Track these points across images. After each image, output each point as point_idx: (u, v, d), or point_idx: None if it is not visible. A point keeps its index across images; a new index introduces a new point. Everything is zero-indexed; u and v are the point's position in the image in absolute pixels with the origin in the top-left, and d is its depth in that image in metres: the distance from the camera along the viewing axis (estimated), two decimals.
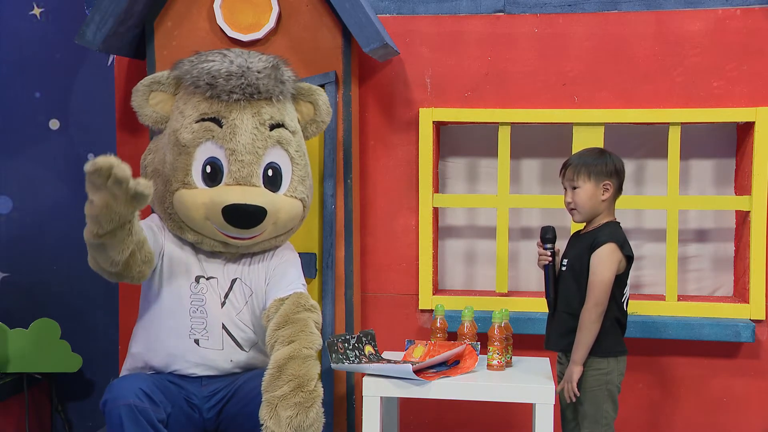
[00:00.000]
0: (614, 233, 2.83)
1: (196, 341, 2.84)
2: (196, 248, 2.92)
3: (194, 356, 2.83)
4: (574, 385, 2.81)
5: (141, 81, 2.94)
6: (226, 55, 2.87)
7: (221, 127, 2.84)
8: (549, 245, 2.93)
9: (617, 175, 2.86)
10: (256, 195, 2.83)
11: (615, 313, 2.83)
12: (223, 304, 2.88)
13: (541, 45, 3.41)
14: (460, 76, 3.45)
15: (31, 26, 4.11)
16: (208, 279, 2.89)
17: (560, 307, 2.91)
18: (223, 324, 2.87)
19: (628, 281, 2.87)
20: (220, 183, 2.84)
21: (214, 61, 2.85)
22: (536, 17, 3.41)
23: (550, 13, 3.40)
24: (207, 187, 2.84)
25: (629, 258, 2.83)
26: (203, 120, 2.84)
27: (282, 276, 2.91)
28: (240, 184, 2.82)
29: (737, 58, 3.32)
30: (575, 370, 2.81)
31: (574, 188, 2.86)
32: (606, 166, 2.85)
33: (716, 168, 3.51)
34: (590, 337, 2.78)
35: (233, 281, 2.91)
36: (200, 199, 2.82)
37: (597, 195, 2.85)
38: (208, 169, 2.84)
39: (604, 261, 2.79)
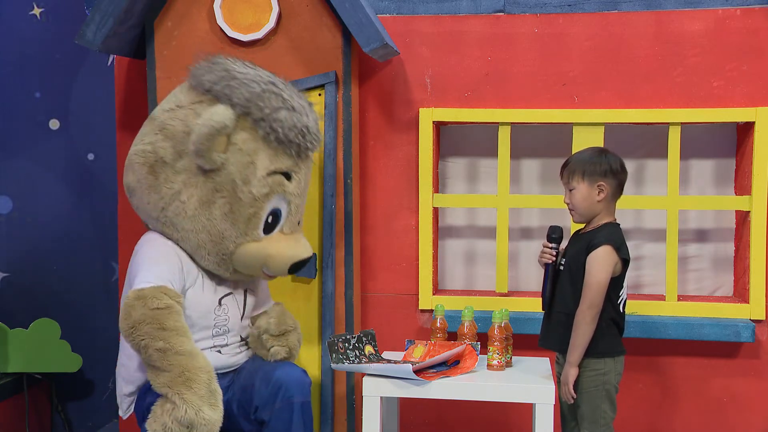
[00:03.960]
0: (611, 235, 2.83)
1: (219, 351, 2.88)
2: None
3: (214, 362, 2.83)
4: (570, 387, 2.81)
5: (205, 123, 2.67)
6: (287, 99, 2.74)
7: (290, 180, 2.83)
8: (554, 245, 2.93)
9: (613, 176, 2.85)
10: (307, 244, 2.91)
11: (611, 315, 2.83)
12: (242, 316, 2.95)
13: (541, 45, 3.41)
14: (460, 76, 3.45)
15: (31, 26, 4.11)
16: (227, 296, 2.91)
17: (556, 307, 2.91)
18: (239, 332, 2.95)
19: (625, 283, 2.87)
20: (275, 230, 2.85)
21: (288, 109, 2.74)
22: (536, 17, 3.41)
23: (550, 13, 3.40)
24: (265, 235, 2.83)
25: (625, 260, 2.83)
26: (275, 173, 2.80)
27: (262, 287, 3.06)
28: (293, 232, 2.88)
29: (737, 58, 3.32)
30: (571, 372, 2.81)
31: (571, 189, 2.87)
32: (600, 166, 2.84)
33: (716, 168, 3.51)
34: (584, 339, 2.79)
35: (245, 292, 2.97)
36: (265, 251, 2.82)
37: (592, 195, 2.85)
38: (270, 219, 2.83)
39: (599, 263, 2.79)
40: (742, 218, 3.42)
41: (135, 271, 2.74)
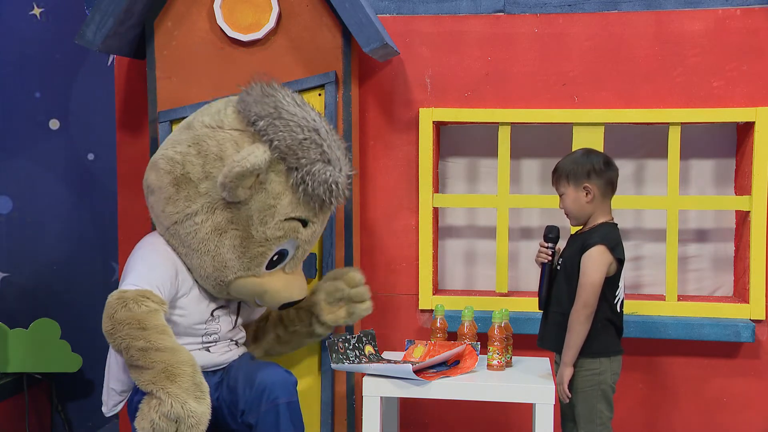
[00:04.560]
0: (607, 235, 2.83)
1: (207, 349, 2.89)
2: None
3: (203, 360, 2.85)
4: (565, 386, 2.82)
5: (240, 161, 2.64)
6: (325, 151, 2.74)
7: (305, 227, 2.84)
8: (551, 244, 2.94)
9: (597, 175, 2.85)
10: (303, 285, 2.96)
11: (607, 315, 2.83)
12: (234, 326, 2.98)
13: (541, 45, 3.41)
14: (460, 76, 3.45)
15: (31, 26, 4.11)
16: (220, 308, 2.92)
17: (553, 307, 2.93)
18: (230, 336, 2.96)
19: (621, 283, 2.87)
20: (276, 267, 2.86)
21: (324, 162, 2.74)
22: (536, 17, 3.41)
23: (550, 13, 3.40)
24: (266, 271, 2.85)
25: (620, 260, 2.83)
26: (293, 219, 2.80)
27: None
28: (293, 271, 2.91)
29: (737, 58, 3.32)
30: (566, 372, 2.82)
31: (561, 194, 2.90)
32: (583, 167, 2.85)
33: (716, 168, 3.51)
34: (579, 339, 2.79)
35: (239, 304, 2.99)
36: (263, 287, 2.85)
37: (580, 198, 2.86)
38: (276, 257, 2.84)
39: (593, 263, 2.79)
40: (742, 218, 3.42)
41: (127, 271, 2.76)
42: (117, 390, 2.86)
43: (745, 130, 3.39)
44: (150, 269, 2.74)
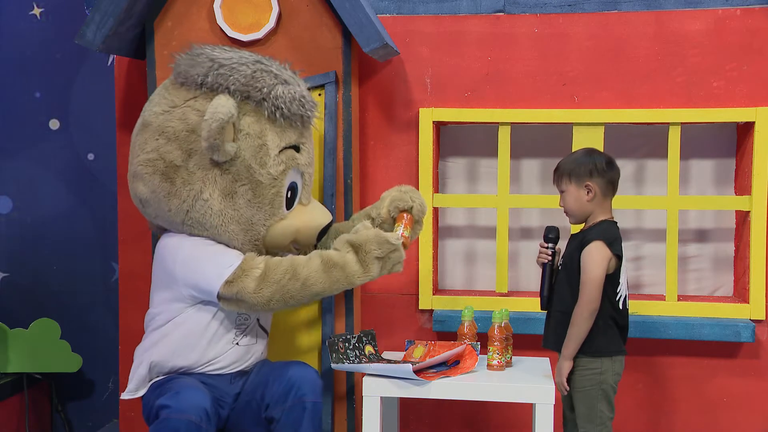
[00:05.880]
0: (604, 231, 2.83)
1: (237, 343, 2.89)
2: None
3: (234, 355, 2.87)
4: (563, 378, 2.83)
5: (212, 117, 2.66)
6: (278, 74, 2.78)
7: (300, 152, 2.87)
8: (551, 244, 2.95)
9: (600, 175, 2.86)
10: (324, 209, 2.99)
11: (609, 312, 2.83)
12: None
13: (541, 45, 3.41)
14: (460, 76, 3.45)
15: (31, 26, 4.11)
16: None
17: (555, 307, 2.92)
18: (258, 320, 2.95)
19: (622, 279, 2.86)
20: (294, 203, 2.90)
21: (282, 83, 2.78)
22: (536, 17, 3.41)
23: (550, 13, 3.40)
24: (287, 211, 2.87)
25: (619, 257, 2.83)
26: (286, 149, 2.83)
27: None
28: (309, 201, 2.95)
29: (737, 58, 3.32)
30: (564, 365, 2.83)
31: (562, 192, 2.90)
32: (586, 166, 2.86)
33: (716, 168, 3.51)
34: (580, 334, 2.80)
35: None
36: (294, 225, 2.88)
37: (581, 197, 2.86)
38: (289, 194, 2.87)
39: (592, 258, 2.80)
40: (742, 218, 3.42)
41: (193, 277, 2.76)
42: (142, 371, 2.85)
43: (745, 130, 3.39)
44: (214, 254, 2.78)
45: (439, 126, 3.53)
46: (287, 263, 2.75)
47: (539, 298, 2.97)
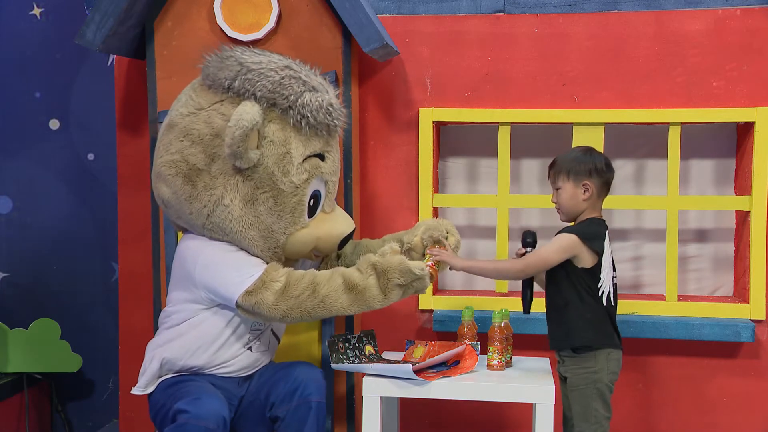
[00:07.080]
0: (585, 227, 2.84)
1: (250, 348, 2.89)
2: None
3: (245, 360, 2.87)
4: (444, 257, 2.89)
5: (236, 124, 2.61)
6: (306, 81, 2.73)
7: (324, 161, 2.84)
8: (528, 249, 2.95)
9: (598, 175, 2.86)
10: (348, 218, 2.96)
11: (594, 306, 2.82)
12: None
13: (541, 45, 3.41)
14: (460, 76, 3.45)
15: (31, 26, 4.11)
16: None
17: (547, 307, 2.94)
18: (271, 327, 2.95)
19: (604, 276, 2.82)
20: (317, 211, 2.86)
21: (310, 90, 2.73)
22: (536, 17, 3.41)
23: (550, 13, 3.40)
24: (309, 219, 2.84)
25: (598, 253, 2.82)
26: (310, 157, 2.80)
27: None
28: (332, 209, 2.91)
29: (737, 58, 3.32)
30: (458, 263, 2.91)
31: (557, 188, 2.90)
32: (585, 165, 2.86)
33: (716, 168, 3.51)
34: (492, 272, 3.03)
35: None
36: (314, 234, 2.85)
37: (577, 195, 2.87)
38: (311, 202, 2.84)
39: (555, 243, 2.82)
40: (742, 218, 3.42)
41: (213, 283, 2.74)
42: (154, 366, 2.83)
43: (745, 130, 3.39)
44: (235, 260, 2.76)
45: (439, 126, 3.53)
46: (308, 279, 2.71)
47: (522, 303, 2.98)
